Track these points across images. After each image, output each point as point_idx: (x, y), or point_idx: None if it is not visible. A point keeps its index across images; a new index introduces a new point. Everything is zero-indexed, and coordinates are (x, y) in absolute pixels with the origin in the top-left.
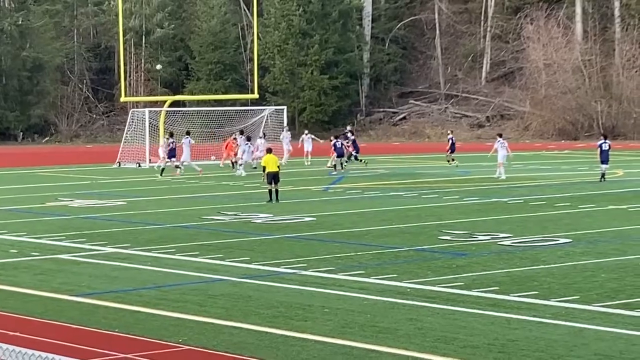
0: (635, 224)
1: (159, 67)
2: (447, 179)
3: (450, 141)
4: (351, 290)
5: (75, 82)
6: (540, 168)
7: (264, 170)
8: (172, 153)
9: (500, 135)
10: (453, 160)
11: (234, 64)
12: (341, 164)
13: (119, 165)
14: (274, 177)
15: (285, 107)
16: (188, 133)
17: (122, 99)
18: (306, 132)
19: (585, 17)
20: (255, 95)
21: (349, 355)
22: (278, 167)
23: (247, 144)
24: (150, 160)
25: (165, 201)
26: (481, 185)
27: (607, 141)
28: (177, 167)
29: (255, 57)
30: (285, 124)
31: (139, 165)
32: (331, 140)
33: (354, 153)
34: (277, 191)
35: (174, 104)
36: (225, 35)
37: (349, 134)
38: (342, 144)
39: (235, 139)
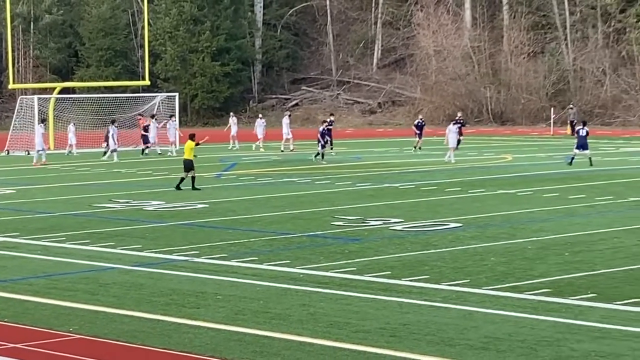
0: (524, 208)
1: None
2: (340, 165)
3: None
4: (244, 276)
5: None
6: (431, 154)
7: None
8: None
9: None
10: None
11: (124, 50)
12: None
13: (8, 154)
14: (186, 165)
15: (177, 94)
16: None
17: (11, 85)
18: (260, 116)
19: (474, 4)
20: (147, 82)
21: (241, 342)
22: (194, 155)
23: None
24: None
25: (55, 189)
26: (373, 170)
27: (585, 128)
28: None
29: (146, 44)
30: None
31: (28, 153)
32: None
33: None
34: (193, 178)
35: (64, 90)
36: (116, 22)
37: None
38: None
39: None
